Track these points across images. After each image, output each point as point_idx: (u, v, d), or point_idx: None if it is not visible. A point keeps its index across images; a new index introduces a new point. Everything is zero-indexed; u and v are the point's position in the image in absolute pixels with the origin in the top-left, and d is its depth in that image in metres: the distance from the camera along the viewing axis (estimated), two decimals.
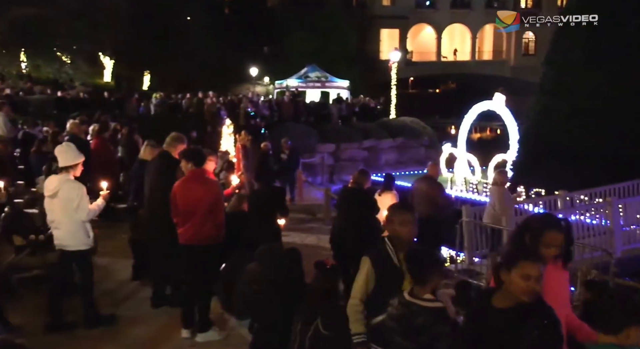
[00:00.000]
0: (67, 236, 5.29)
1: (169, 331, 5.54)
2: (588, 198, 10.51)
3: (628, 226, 9.66)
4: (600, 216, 9.74)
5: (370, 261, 3.47)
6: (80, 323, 5.58)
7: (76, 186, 5.25)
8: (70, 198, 5.20)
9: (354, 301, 3.49)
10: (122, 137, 11.44)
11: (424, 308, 3.02)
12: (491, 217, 8.83)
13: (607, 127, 12.85)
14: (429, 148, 22.87)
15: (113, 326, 5.69)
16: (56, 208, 5.27)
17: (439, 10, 47.54)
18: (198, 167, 5.32)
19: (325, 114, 22.21)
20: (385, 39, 46.09)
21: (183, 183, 5.30)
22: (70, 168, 5.28)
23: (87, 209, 5.27)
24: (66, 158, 5.29)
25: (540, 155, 12.81)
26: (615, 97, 12.99)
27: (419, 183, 8.45)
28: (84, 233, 5.33)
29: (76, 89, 22.47)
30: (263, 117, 20.07)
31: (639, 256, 9.25)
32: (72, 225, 5.26)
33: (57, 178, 5.28)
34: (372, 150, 21.50)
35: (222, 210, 5.37)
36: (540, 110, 14.55)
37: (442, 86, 54.04)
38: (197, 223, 5.18)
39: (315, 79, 27.37)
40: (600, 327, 2.49)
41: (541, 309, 2.62)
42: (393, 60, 27.26)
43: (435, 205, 8.15)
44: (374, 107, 25.83)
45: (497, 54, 49.44)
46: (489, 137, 37.18)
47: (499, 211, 8.72)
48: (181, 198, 5.25)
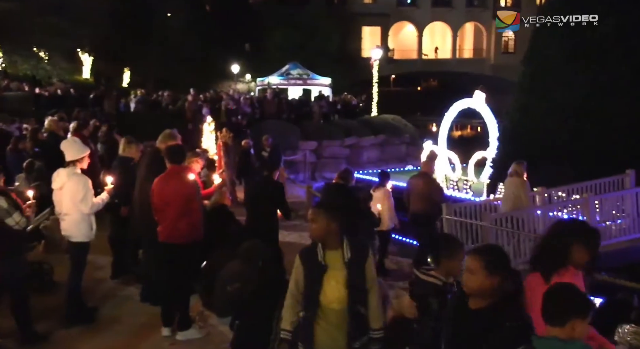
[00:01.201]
0: (72, 227, 5.51)
1: (150, 330, 5.51)
2: (566, 194, 10.67)
3: (604, 222, 9.82)
4: (577, 212, 9.90)
5: (299, 259, 3.50)
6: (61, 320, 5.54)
7: (82, 179, 5.49)
8: (77, 190, 5.42)
9: (287, 298, 3.50)
10: (102, 134, 11.31)
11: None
12: (512, 206, 8.99)
13: (585, 125, 13.03)
14: (410, 145, 23.01)
15: (93, 322, 5.66)
16: (63, 200, 5.50)
17: (420, 8, 47.80)
18: (175, 163, 5.33)
19: (307, 112, 22.21)
20: (367, 37, 46.21)
21: (159, 180, 5.32)
22: (77, 162, 5.52)
23: (91, 202, 5.48)
24: (72, 153, 5.53)
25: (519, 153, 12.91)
26: (593, 95, 13.16)
27: (414, 179, 8.57)
28: (87, 226, 5.55)
29: (54, 86, 22.14)
30: (244, 114, 19.99)
31: (615, 251, 9.41)
32: (77, 216, 5.48)
33: (65, 171, 5.50)
34: (354, 147, 21.56)
35: (197, 209, 5.33)
36: (519, 108, 14.69)
37: (423, 84, 54.35)
38: (172, 220, 5.18)
39: (297, 76, 27.34)
40: (546, 319, 2.48)
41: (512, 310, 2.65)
42: (374, 57, 27.34)
43: (431, 201, 8.27)
44: (355, 104, 25.90)
45: (477, 52, 49.91)
46: (470, 134, 37.50)
47: (524, 201, 8.95)
48: (156, 195, 5.29)
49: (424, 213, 8.14)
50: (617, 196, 10.21)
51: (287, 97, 24.80)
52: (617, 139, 12.51)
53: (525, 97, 14.66)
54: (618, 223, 9.91)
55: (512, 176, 9.15)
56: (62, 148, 5.60)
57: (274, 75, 27.46)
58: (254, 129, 17.71)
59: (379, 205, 8.00)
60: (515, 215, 9.20)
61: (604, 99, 13.04)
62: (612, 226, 9.87)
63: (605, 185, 10.79)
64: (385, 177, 8.80)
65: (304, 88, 27.65)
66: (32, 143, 9.69)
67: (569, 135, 12.97)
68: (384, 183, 8.68)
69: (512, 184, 9.11)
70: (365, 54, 41.28)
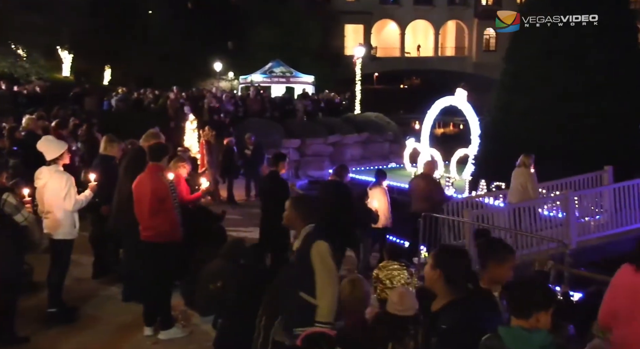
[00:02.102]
0: (55, 225, 5.51)
1: (132, 329, 5.48)
2: (546, 191, 10.80)
3: (583, 218, 9.97)
4: (557, 208, 10.04)
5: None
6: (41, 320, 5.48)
7: (65, 176, 5.49)
8: (60, 187, 5.43)
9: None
10: (82, 133, 11.18)
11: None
12: (520, 197, 9.21)
13: (564, 123, 13.23)
14: (394, 143, 23.09)
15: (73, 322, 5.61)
16: (46, 197, 5.52)
17: (403, 7, 47.98)
18: (153, 161, 5.34)
19: (290, 109, 22.17)
20: (350, 35, 46.26)
21: (138, 178, 5.34)
22: (58, 159, 5.51)
23: (75, 199, 5.49)
24: (51, 151, 5.53)
25: (500, 150, 13.07)
26: (572, 93, 13.37)
27: (416, 180, 8.97)
28: (71, 223, 5.56)
29: (33, 84, 21.80)
30: (227, 112, 19.89)
31: (593, 246, 9.56)
32: (61, 214, 5.48)
33: (47, 169, 5.51)
34: (337, 145, 21.58)
35: (170, 209, 5.30)
36: (500, 105, 14.86)
37: (406, 81, 54.56)
38: (147, 219, 5.20)
39: (280, 74, 27.27)
40: (512, 313, 2.59)
41: (454, 311, 2.79)
42: (357, 55, 27.37)
43: (432, 201, 8.55)
44: (339, 102, 25.91)
45: (459, 50, 50.26)
46: (452, 132, 37.75)
47: (532, 193, 9.21)
48: (135, 193, 5.32)
49: (424, 212, 8.42)
50: (596, 193, 10.37)
51: (270, 95, 24.74)
52: (596, 136, 12.73)
53: (507, 94, 14.82)
54: (597, 218, 10.07)
55: (519, 167, 9.43)
56: (40, 149, 5.59)
57: (257, 73, 27.36)
58: (237, 127, 17.64)
59: (375, 203, 8.32)
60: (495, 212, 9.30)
61: (583, 97, 13.25)
62: (591, 222, 10.02)
63: (584, 181, 10.95)
64: (381, 176, 8.98)
65: (287, 86, 27.60)
66: (10, 142, 9.55)
67: (548, 132, 13.15)
68: (380, 182, 8.88)
69: (520, 175, 9.38)
70: (348, 51, 41.29)
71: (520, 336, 2.47)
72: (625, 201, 9.87)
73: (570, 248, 8.51)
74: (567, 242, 8.58)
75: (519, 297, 2.58)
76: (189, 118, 15.56)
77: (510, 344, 2.46)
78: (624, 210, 9.78)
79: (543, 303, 2.56)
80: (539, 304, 2.55)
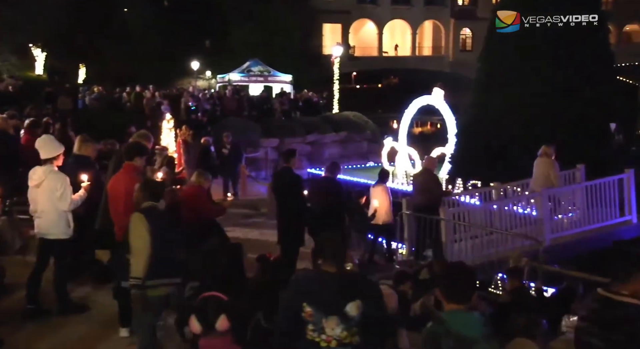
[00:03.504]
0: (49, 225, 5.54)
1: (107, 330, 5.42)
2: (521, 189, 10.96)
3: (557, 215, 10.14)
4: (531, 206, 10.20)
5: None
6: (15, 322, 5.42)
7: (60, 176, 5.52)
8: (55, 187, 5.46)
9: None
10: (55, 132, 11.00)
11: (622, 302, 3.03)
12: (543, 185, 9.60)
13: (538, 122, 13.43)
14: (372, 142, 23.20)
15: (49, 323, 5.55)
16: (40, 197, 5.54)
17: (380, 6, 48.23)
18: (129, 160, 5.35)
19: (268, 108, 22.12)
20: (328, 34, 46.34)
21: (113, 177, 5.37)
22: (53, 160, 5.57)
23: (70, 199, 5.52)
24: (47, 151, 5.58)
25: (476, 148, 13.24)
26: (545, 92, 13.58)
27: (418, 175, 9.60)
28: (65, 223, 5.58)
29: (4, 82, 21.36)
30: (205, 111, 19.77)
31: (567, 243, 9.73)
32: (55, 214, 5.51)
33: (42, 169, 5.54)
34: (315, 144, 21.61)
35: None
36: (476, 104, 15.03)
37: (384, 81, 54.76)
38: (122, 218, 5.14)
39: (257, 73, 27.17)
40: (450, 298, 2.76)
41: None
42: (335, 54, 27.42)
43: (431, 194, 9.03)
44: (317, 101, 25.93)
45: (436, 50, 50.73)
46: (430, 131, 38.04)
47: (554, 181, 9.63)
48: (110, 192, 5.33)
49: (424, 205, 8.97)
50: (569, 190, 10.55)
51: (248, 94, 24.64)
52: (569, 135, 12.96)
53: (482, 94, 15.01)
54: (569, 216, 10.25)
55: (541, 157, 9.83)
56: (37, 147, 5.66)
57: (235, 72, 27.22)
58: (215, 126, 17.54)
59: (376, 201, 9.00)
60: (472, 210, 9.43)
61: (557, 96, 13.48)
62: (564, 219, 10.20)
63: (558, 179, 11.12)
64: (384, 174, 9.78)
65: (265, 85, 27.52)
66: None
67: (523, 131, 13.35)
68: (383, 180, 9.58)
69: (542, 164, 9.81)
70: (326, 51, 41.35)
71: (463, 318, 2.67)
72: (597, 198, 10.07)
73: (544, 245, 8.67)
74: (541, 239, 8.74)
75: (457, 284, 2.77)
76: (166, 118, 15.41)
77: (455, 326, 2.62)
78: (595, 207, 9.98)
79: (475, 288, 2.85)
80: (474, 288, 2.82)
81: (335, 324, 3.01)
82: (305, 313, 3.05)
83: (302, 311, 3.06)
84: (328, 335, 3.03)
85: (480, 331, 2.64)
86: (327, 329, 3.02)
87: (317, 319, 3.03)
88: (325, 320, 3.03)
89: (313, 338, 3.06)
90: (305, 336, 3.08)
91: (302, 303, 3.05)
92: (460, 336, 2.58)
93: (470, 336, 2.58)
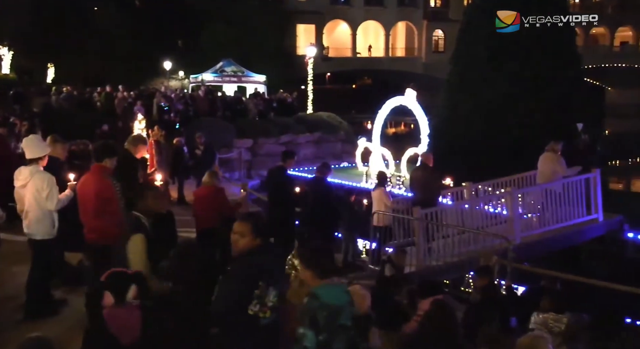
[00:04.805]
0: (35, 225, 5.53)
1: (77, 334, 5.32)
2: (491, 188, 11.14)
3: (526, 214, 10.32)
4: (502, 205, 10.37)
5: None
6: None
7: (46, 176, 5.50)
8: (42, 187, 5.43)
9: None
10: (23, 132, 10.77)
11: None
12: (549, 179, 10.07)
13: (508, 122, 13.71)
14: (346, 142, 23.26)
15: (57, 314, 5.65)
16: (26, 197, 5.53)
17: (353, 7, 48.44)
18: (98, 161, 5.32)
19: (242, 109, 21.99)
20: (302, 34, 46.34)
21: (82, 179, 5.33)
22: (39, 160, 5.54)
23: (57, 198, 5.49)
24: (34, 151, 5.55)
25: (448, 149, 13.44)
26: (515, 93, 13.87)
27: (416, 171, 9.77)
28: (50, 223, 5.56)
29: None
30: (177, 111, 19.56)
31: (536, 242, 9.92)
32: (40, 214, 5.50)
33: (28, 169, 5.52)
34: (289, 144, 21.55)
35: (116, 211, 5.25)
36: (447, 105, 15.28)
37: (358, 81, 55.09)
38: (91, 220, 5.14)
39: (231, 74, 26.99)
40: (321, 275, 3.23)
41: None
42: (309, 55, 27.44)
43: (429, 189, 9.23)
44: (291, 102, 25.88)
45: (409, 51, 51.15)
46: (403, 131, 38.40)
47: (561, 174, 10.04)
48: (78, 194, 5.29)
49: (423, 199, 9.20)
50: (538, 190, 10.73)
51: (222, 95, 24.46)
52: (537, 134, 13.24)
53: (454, 94, 15.24)
54: (538, 215, 10.44)
55: (548, 152, 10.18)
56: (23, 147, 5.66)
57: (208, 72, 26.99)
58: (188, 127, 17.38)
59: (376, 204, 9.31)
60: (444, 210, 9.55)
61: (525, 97, 13.77)
62: (534, 218, 10.39)
63: (527, 178, 11.35)
64: (383, 178, 10.00)
65: (239, 86, 27.37)
66: None
67: (493, 130, 13.61)
68: (382, 184, 9.81)
69: (547, 159, 10.19)
70: (300, 51, 41.34)
71: (331, 290, 3.15)
72: (565, 198, 10.28)
73: (514, 243, 8.82)
74: (511, 238, 8.88)
75: (323, 262, 3.27)
76: (138, 118, 15.22)
77: (327, 298, 3.07)
78: (564, 206, 10.19)
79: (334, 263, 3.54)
80: (334, 263, 3.52)
81: (272, 291, 3.40)
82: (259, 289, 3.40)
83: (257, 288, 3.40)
84: (266, 306, 3.37)
85: (345, 299, 3.13)
86: (266, 300, 3.37)
87: (264, 292, 3.37)
88: (268, 290, 3.39)
89: (255, 312, 3.37)
90: (246, 312, 3.38)
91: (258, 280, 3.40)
92: (330, 305, 3.03)
93: (339, 304, 3.06)
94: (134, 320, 3.65)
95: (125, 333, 3.57)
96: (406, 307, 6.13)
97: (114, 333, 3.54)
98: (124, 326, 3.59)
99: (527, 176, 11.35)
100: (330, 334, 3.02)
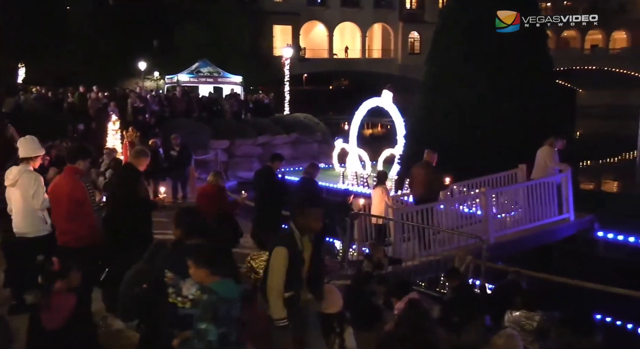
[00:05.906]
0: (25, 224, 5.56)
1: None
2: (466, 189, 11.27)
3: (500, 214, 10.46)
4: (476, 205, 10.50)
5: (286, 251, 4.02)
6: None
7: (34, 176, 5.56)
8: (29, 186, 5.48)
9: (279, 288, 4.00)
10: None
11: None
12: (543, 173, 10.42)
13: (483, 123, 13.87)
14: (322, 143, 23.32)
15: None
16: (15, 196, 5.58)
17: (330, 8, 48.57)
18: (70, 163, 5.30)
19: (218, 110, 21.86)
20: (279, 35, 46.28)
21: (54, 181, 5.35)
22: (30, 160, 5.58)
23: (42, 198, 5.51)
24: (26, 150, 5.60)
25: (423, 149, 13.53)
26: (490, 94, 14.03)
27: (416, 168, 9.78)
28: (40, 220, 5.58)
29: None
30: (152, 112, 19.35)
31: (510, 241, 10.05)
32: (29, 212, 5.54)
33: (17, 168, 5.57)
34: (266, 145, 21.51)
35: (89, 213, 5.26)
36: (423, 106, 15.39)
37: (334, 83, 55.22)
38: (64, 223, 5.10)
39: (207, 74, 26.80)
40: (214, 273, 3.42)
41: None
42: (286, 56, 27.43)
43: (430, 187, 9.40)
44: (267, 103, 25.82)
45: (385, 52, 51.48)
46: (380, 132, 38.62)
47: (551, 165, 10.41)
48: (50, 196, 5.27)
49: (424, 197, 9.35)
50: (512, 190, 10.91)
51: (198, 95, 24.28)
52: (511, 135, 13.44)
53: (429, 96, 15.37)
54: (512, 215, 10.60)
55: (545, 146, 10.47)
56: (18, 145, 5.72)
57: (184, 73, 26.75)
58: (164, 128, 17.21)
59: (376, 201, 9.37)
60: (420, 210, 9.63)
61: (500, 98, 13.96)
62: (507, 218, 10.54)
63: (501, 179, 11.50)
64: (383, 177, 10.17)
65: (215, 87, 27.19)
66: None
67: (468, 132, 13.76)
68: (382, 182, 9.89)
69: (543, 152, 10.52)
70: (277, 52, 41.26)
71: (225, 285, 3.39)
72: (538, 198, 10.45)
73: (488, 243, 8.94)
74: (485, 238, 8.99)
75: (218, 261, 3.48)
76: (112, 119, 15.01)
77: (223, 292, 3.33)
78: (536, 206, 10.35)
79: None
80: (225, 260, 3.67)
81: (190, 285, 3.63)
82: (167, 278, 3.73)
83: (165, 276, 3.73)
84: (184, 296, 3.66)
85: (237, 292, 3.42)
86: (183, 290, 3.66)
87: (176, 282, 3.68)
88: (182, 282, 3.65)
89: (174, 300, 3.70)
90: (168, 299, 3.71)
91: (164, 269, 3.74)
92: (227, 299, 3.30)
93: (233, 297, 3.35)
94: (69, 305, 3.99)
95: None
96: (381, 306, 6.18)
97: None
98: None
99: (501, 177, 11.49)
100: (229, 326, 3.29)
